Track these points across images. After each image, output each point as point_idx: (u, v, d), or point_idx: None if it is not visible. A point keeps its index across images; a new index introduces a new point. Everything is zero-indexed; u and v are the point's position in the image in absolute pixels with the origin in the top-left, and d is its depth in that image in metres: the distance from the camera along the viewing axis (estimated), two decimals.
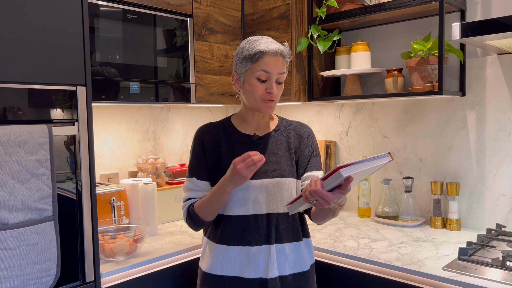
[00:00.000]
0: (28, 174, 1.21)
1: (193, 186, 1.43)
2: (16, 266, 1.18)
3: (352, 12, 1.97)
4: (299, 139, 1.45)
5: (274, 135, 1.44)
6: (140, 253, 1.65)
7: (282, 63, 1.36)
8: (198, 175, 1.42)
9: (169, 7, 1.91)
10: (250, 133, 1.44)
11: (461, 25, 1.47)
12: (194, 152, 1.45)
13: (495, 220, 1.83)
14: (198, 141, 1.45)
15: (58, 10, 1.32)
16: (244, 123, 1.46)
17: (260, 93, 1.35)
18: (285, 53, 1.37)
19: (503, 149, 1.80)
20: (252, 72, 1.35)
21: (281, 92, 1.40)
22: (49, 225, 1.25)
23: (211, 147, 1.42)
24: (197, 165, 1.43)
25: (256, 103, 1.37)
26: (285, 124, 1.48)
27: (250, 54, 1.34)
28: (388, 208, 2.05)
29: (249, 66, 1.35)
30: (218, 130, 1.45)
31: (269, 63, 1.33)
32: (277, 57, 1.34)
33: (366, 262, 1.56)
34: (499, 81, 1.80)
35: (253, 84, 1.35)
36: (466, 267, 1.42)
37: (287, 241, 1.39)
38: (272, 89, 1.34)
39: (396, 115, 2.12)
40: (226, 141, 1.42)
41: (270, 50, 1.33)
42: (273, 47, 1.34)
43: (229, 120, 1.48)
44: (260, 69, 1.33)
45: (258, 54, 1.33)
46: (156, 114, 2.31)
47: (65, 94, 1.34)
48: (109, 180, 2.11)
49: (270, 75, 1.34)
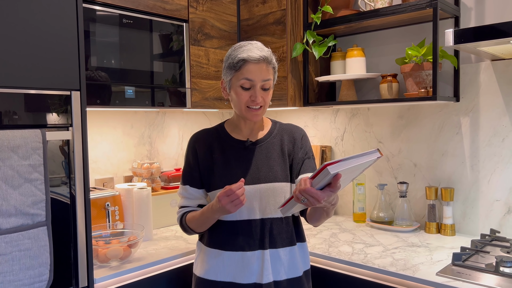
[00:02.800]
0: (21, 179, 1.20)
1: (186, 193, 1.46)
2: (8, 271, 1.17)
3: (347, 18, 1.98)
4: (292, 142, 1.45)
5: (267, 139, 1.44)
6: (134, 258, 1.64)
7: (266, 70, 1.34)
8: (190, 183, 1.45)
9: (165, 12, 1.91)
10: (243, 139, 1.44)
11: (454, 32, 1.48)
12: (187, 160, 1.47)
13: (489, 225, 1.84)
14: (191, 149, 1.46)
15: (53, 15, 1.32)
16: (237, 129, 1.46)
17: (244, 101, 1.35)
18: (269, 59, 1.35)
19: (497, 155, 1.81)
20: (236, 80, 1.35)
21: (269, 98, 1.38)
22: (42, 231, 1.24)
23: (204, 154, 1.43)
24: (189, 173, 1.45)
25: (241, 111, 1.37)
26: (278, 128, 1.48)
27: (233, 62, 1.34)
28: (383, 213, 2.05)
29: (233, 74, 1.35)
30: (212, 136, 1.46)
31: (252, 71, 1.32)
32: (260, 64, 1.33)
33: (361, 268, 1.56)
34: (492, 87, 1.82)
35: (238, 92, 1.35)
36: (460, 273, 1.42)
37: (282, 245, 1.39)
38: (256, 97, 1.33)
39: (391, 120, 2.13)
40: (220, 148, 1.42)
41: (251, 58, 1.32)
42: (255, 55, 1.32)
43: (223, 126, 1.48)
44: (243, 77, 1.33)
45: (240, 63, 1.33)
46: (151, 119, 2.31)
47: (59, 99, 1.34)
48: (104, 184, 2.10)
49: (254, 83, 1.33)
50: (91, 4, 1.67)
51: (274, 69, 1.39)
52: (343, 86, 2.15)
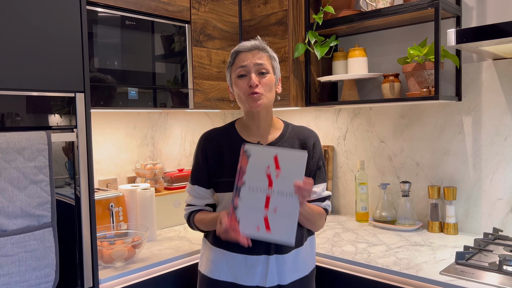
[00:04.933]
0: (27, 180, 1.21)
1: (194, 193, 1.46)
2: (15, 272, 1.18)
3: (349, 18, 1.98)
4: (304, 149, 1.42)
5: (278, 143, 1.42)
6: (139, 259, 1.65)
7: (258, 55, 1.37)
8: (199, 183, 1.45)
9: (167, 14, 1.92)
10: (254, 141, 1.42)
11: (456, 31, 1.48)
12: (197, 160, 1.47)
13: (492, 224, 1.84)
14: (201, 149, 1.46)
15: (57, 17, 1.33)
16: (248, 129, 1.45)
17: (243, 89, 1.36)
18: (260, 46, 1.39)
19: (499, 154, 1.82)
20: (233, 73, 1.40)
21: (268, 84, 1.37)
22: (48, 232, 1.25)
23: (214, 154, 1.43)
24: (198, 173, 1.46)
25: (244, 102, 1.39)
26: (290, 131, 1.46)
27: (229, 60, 1.42)
28: (386, 213, 2.05)
29: (230, 69, 1.42)
30: (222, 136, 1.45)
31: (244, 59, 1.37)
32: (252, 52, 1.38)
33: (364, 267, 1.56)
34: (494, 86, 1.82)
35: (236, 83, 1.38)
36: (463, 271, 1.42)
37: (288, 251, 1.36)
38: (251, 80, 1.34)
39: (393, 120, 2.13)
40: (229, 148, 1.42)
41: (242, 48, 1.38)
42: (246, 44, 1.39)
43: (233, 126, 1.48)
44: (237, 67, 1.38)
45: (233, 55, 1.40)
46: (154, 120, 2.32)
47: (63, 101, 1.35)
48: (108, 185, 2.11)
49: (247, 69, 1.36)
50: (94, 6, 1.68)
51: (270, 57, 1.41)
52: (345, 86, 2.16)
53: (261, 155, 1.21)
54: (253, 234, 1.22)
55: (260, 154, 1.21)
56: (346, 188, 2.33)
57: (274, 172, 1.20)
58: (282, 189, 1.20)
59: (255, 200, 1.21)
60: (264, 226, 1.21)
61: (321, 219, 1.42)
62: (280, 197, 1.20)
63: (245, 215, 1.21)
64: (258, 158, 1.21)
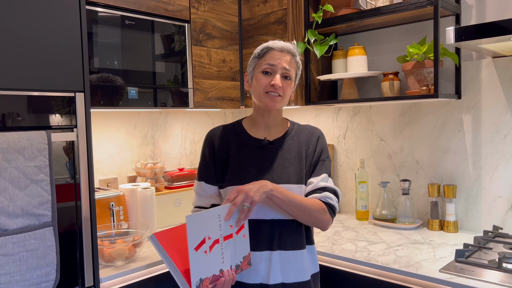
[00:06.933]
0: (27, 180, 1.22)
1: (201, 190, 1.45)
2: (15, 271, 1.19)
3: (348, 16, 1.98)
4: (308, 145, 1.44)
5: (284, 140, 1.43)
6: (139, 258, 1.65)
7: (289, 60, 1.38)
8: (206, 179, 1.44)
9: (167, 13, 1.92)
10: (261, 138, 1.43)
11: (455, 29, 1.48)
12: (204, 156, 1.47)
13: (492, 222, 1.85)
14: (208, 145, 1.46)
15: (57, 17, 1.33)
16: (255, 126, 1.46)
17: (264, 86, 1.37)
18: (293, 51, 1.40)
19: (499, 152, 1.82)
20: (258, 67, 1.39)
21: (289, 90, 1.40)
22: (49, 231, 1.26)
23: (221, 150, 1.43)
24: (205, 169, 1.45)
25: (260, 97, 1.39)
26: (296, 129, 1.47)
27: (258, 51, 1.41)
28: (386, 211, 2.06)
29: (256, 62, 1.41)
30: (229, 133, 1.45)
31: (274, 57, 1.37)
32: (283, 53, 1.38)
33: (364, 265, 1.57)
34: (494, 84, 1.82)
35: (258, 77, 1.38)
36: (463, 269, 1.43)
37: (291, 248, 1.36)
38: (275, 81, 1.35)
39: (393, 118, 2.13)
40: (236, 145, 1.42)
41: (276, 46, 1.38)
42: (280, 44, 1.39)
43: (240, 123, 1.48)
44: (265, 63, 1.38)
45: (264, 50, 1.39)
46: (154, 119, 2.32)
47: (63, 101, 1.35)
48: (108, 185, 2.11)
49: (275, 68, 1.36)
50: (94, 6, 1.68)
51: (297, 64, 1.42)
52: (345, 84, 2.16)
53: (199, 225, 1.20)
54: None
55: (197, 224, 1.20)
56: (346, 187, 2.33)
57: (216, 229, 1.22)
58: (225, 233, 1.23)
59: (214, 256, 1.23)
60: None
61: (317, 210, 1.34)
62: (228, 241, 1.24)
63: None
64: (195, 228, 1.20)
